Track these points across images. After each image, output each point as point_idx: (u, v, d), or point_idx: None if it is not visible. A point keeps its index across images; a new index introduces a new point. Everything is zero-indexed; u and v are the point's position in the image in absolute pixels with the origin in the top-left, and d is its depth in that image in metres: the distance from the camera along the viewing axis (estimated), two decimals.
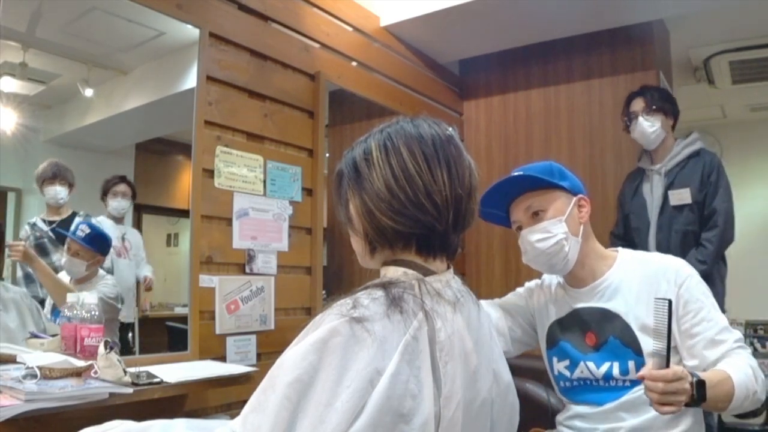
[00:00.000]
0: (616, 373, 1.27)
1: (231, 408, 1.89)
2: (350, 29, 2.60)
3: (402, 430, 0.69)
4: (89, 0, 1.78)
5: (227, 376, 1.60)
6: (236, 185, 2.00)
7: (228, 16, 2.01)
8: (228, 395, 1.87)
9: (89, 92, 1.91)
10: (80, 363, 1.26)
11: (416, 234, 0.81)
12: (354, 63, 2.62)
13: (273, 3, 2.18)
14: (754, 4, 2.74)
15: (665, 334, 1.04)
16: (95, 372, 1.28)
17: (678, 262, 1.31)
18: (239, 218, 2.00)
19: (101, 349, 1.29)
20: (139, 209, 2.12)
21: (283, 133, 2.20)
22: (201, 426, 0.85)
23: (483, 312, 0.90)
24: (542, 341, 1.43)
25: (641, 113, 2.40)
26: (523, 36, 3.00)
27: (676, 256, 1.36)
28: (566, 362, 1.36)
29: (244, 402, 0.73)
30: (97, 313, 1.48)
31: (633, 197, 2.49)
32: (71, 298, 1.47)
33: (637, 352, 1.25)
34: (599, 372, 1.29)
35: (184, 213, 1.90)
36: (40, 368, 1.19)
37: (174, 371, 1.52)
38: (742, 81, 3.80)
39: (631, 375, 1.25)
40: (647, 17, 2.80)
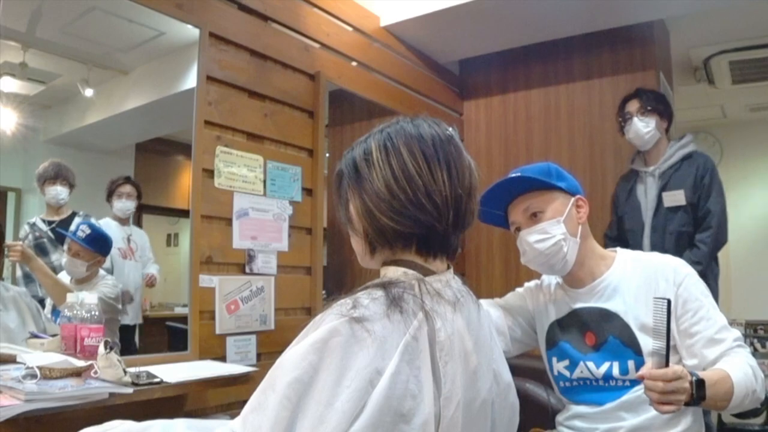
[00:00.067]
0: (616, 373, 1.27)
1: (231, 408, 1.89)
2: (350, 29, 2.60)
3: (402, 430, 0.70)
4: (89, 0, 1.78)
5: (227, 376, 1.60)
6: (236, 185, 2.00)
7: (228, 16, 2.01)
8: (228, 395, 1.87)
9: (89, 92, 1.91)
10: (80, 363, 1.26)
11: (416, 234, 0.81)
12: (354, 63, 2.62)
13: (273, 3, 2.18)
14: (754, 4, 2.74)
15: (664, 334, 1.04)
16: (95, 372, 1.28)
17: (676, 262, 1.32)
18: (239, 218, 2.00)
19: (101, 349, 1.29)
20: (140, 209, 2.12)
21: (283, 133, 2.20)
22: (201, 426, 0.85)
23: (483, 312, 0.90)
24: (542, 342, 1.43)
25: (636, 114, 2.41)
26: (523, 36, 3.00)
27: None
28: (566, 362, 1.36)
29: (244, 402, 0.73)
30: (97, 313, 1.48)
31: (627, 199, 2.50)
32: (71, 298, 1.47)
33: (637, 352, 1.25)
34: (599, 372, 1.29)
35: (184, 213, 1.90)
36: (40, 368, 1.19)
37: (174, 371, 1.52)
38: (742, 81, 3.80)
39: (631, 375, 1.25)
40: (647, 17, 2.80)
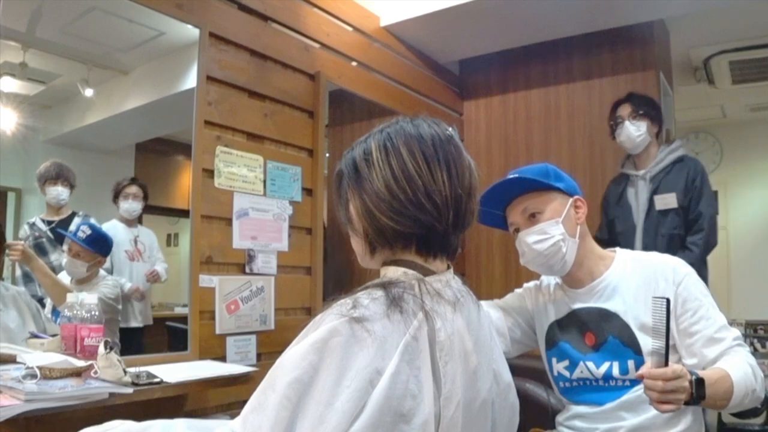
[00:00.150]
0: (616, 373, 1.27)
1: (231, 408, 1.89)
2: (350, 29, 2.60)
3: (402, 430, 0.70)
4: (89, 0, 1.78)
5: (227, 376, 1.60)
6: (236, 185, 2.00)
7: (228, 16, 2.01)
8: (228, 395, 1.87)
9: (89, 92, 1.91)
10: (80, 363, 1.26)
11: (416, 234, 0.81)
12: (354, 63, 2.62)
13: (273, 3, 2.18)
14: (754, 4, 2.74)
15: (664, 333, 1.04)
16: (95, 372, 1.28)
17: (675, 261, 1.32)
18: (239, 218, 2.00)
19: (101, 349, 1.29)
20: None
21: (283, 133, 2.20)
22: (201, 426, 0.85)
23: (483, 312, 0.90)
24: (541, 342, 1.43)
25: (627, 118, 2.44)
26: (523, 36, 3.00)
27: None
28: (566, 363, 1.36)
29: (244, 402, 0.73)
30: (97, 313, 1.48)
31: (618, 202, 2.52)
32: (71, 298, 1.47)
33: (637, 352, 1.25)
34: (599, 372, 1.29)
35: (184, 213, 1.90)
36: (40, 368, 1.19)
37: (174, 371, 1.52)
38: (742, 81, 3.80)
39: (631, 374, 1.25)
40: (647, 17, 2.80)
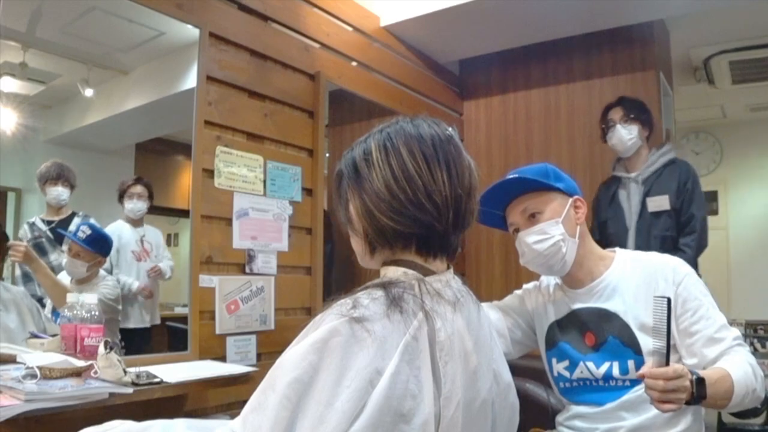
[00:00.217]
0: (616, 373, 1.27)
1: (231, 408, 1.89)
2: (350, 29, 2.60)
3: (402, 430, 0.70)
4: (89, 0, 1.78)
5: (227, 376, 1.60)
6: (236, 185, 2.00)
7: (228, 16, 2.01)
8: (228, 395, 1.87)
9: (89, 92, 1.91)
10: (80, 363, 1.26)
11: (416, 234, 0.81)
12: (354, 63, 2.62)
13: (273, 3, 2.18)
14: (754, 4, 2.74)
15: (664, 332, 1.04)
16: (95, 372, 1.28)
17: (676, 261, 1.31)
18: (239, 218, 2.00)
19: (101, 349, 1.29)
20: None
21: (283, 133, 2.20)
22: (201, 426, 0.85)
23: (483, 312, 0.90)
24: (541, 342, 1.43)
25: (619, 121, 2.46)
26: (523, 36, 3.00)
27: None
28: (566, 363, 1.36)
29: (244, 402, 0.73)
30: (97, 314, 1.48)
31: (609, 204, 2.54)
32: (71, 299, 1.47)
33: (637, 352, 1.25)
34: (599, 372, 1.29)
35: (184, 213, 1.90)
36: (40, 368, 1.19)
37: (174, 371, 1.52)
38: (742, 81, 3.80)
39: (631, 374, 1.25)
40: (647, 17, 2.80)
